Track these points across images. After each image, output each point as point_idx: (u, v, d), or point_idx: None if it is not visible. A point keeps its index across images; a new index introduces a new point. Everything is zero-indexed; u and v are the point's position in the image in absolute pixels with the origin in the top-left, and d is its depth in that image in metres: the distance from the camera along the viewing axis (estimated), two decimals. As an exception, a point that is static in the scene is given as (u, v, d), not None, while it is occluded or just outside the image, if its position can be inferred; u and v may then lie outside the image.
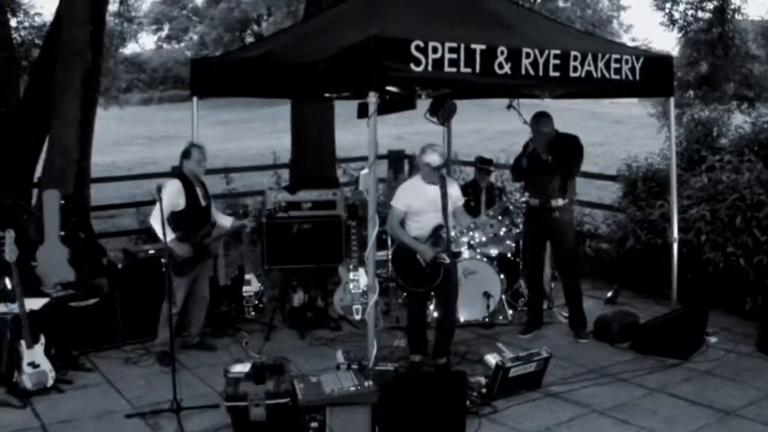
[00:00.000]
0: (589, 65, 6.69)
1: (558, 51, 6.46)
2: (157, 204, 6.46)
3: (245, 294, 8.22)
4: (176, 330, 6.80)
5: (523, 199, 7.34)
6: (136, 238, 11.32)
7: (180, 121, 30.46)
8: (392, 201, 6.62)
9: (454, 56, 5.90)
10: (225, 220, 7.27)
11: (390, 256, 6.74)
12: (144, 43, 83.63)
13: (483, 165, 8.77)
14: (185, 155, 6.92)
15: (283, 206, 7.67)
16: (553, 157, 7.31)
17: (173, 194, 6.70)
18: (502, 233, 8.35)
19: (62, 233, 8.41)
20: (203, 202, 6.99)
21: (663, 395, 6.21)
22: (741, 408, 5.93)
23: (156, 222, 6.56)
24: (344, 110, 9.27)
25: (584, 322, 7.62)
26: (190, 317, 7.22)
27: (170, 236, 6.54)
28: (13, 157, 10.08)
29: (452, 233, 6.39)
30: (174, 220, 6.71)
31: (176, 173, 6.99)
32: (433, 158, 6.38)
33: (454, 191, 6.63)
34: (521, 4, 8.22)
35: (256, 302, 8.28)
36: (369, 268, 6.09)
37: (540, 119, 7.36)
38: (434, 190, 6.35)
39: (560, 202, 7.41)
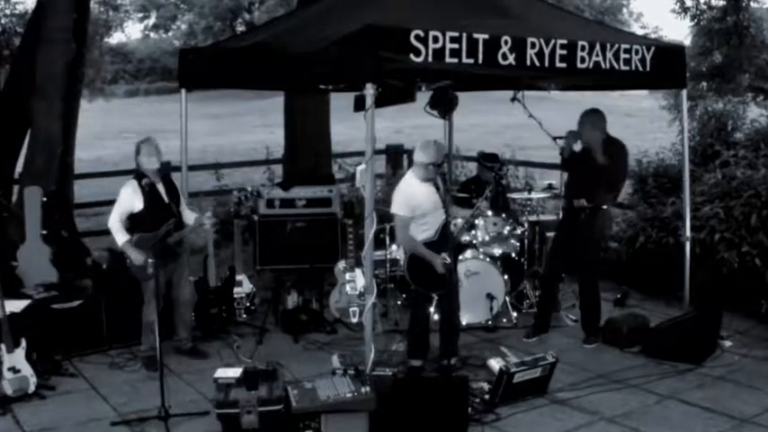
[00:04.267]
0: (597, 55, 6.69)
1: (564, 41, 6.46)
2: (114, 208, 6.61)
3: (236, 296, 8.21)
4: (166, 335, 6.82)
5: (533, 196, 7.37)
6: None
7: (168, 115, 30.35)
8: (394, 209, 6.52)
9: (456, 46, 5.90)
10: (188, 217, 7.14)
11: (406, 263, 6.70)
12: (130, 32, 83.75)
13: (488, 162, 8.77)
14: (136, 152, 6.86)
15: (251, 196, 7.57)
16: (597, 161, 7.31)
17: (127, 195, 6.73)
18: (506, 232, 8.36)
19: (44, 232, 8.39)
20: (166, 199, 6.91)
21: (675, 402, 6.21)
22: (756, 415, 5.94)
23: (112, 226, 6.71)
24: (340, 102, 9.26)
25: (596, 330, 7.58)
26: (176, 321, 7.21)
27: (123, 239, 6.64)
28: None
29: (453, 230, 6.43)
30: (134, 222, 6.72)
31: (134, 173, 6.93)
32: (434, 156, 6.38)
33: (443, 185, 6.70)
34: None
35: (248, 304, 8.28)
36: (366, 268, 6.09)
37: (591, 118, 7.37)
38: (431, 187, 6.38)
39: (583, 203, 7.36)
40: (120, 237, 6.67)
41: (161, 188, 6.90)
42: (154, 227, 6.71)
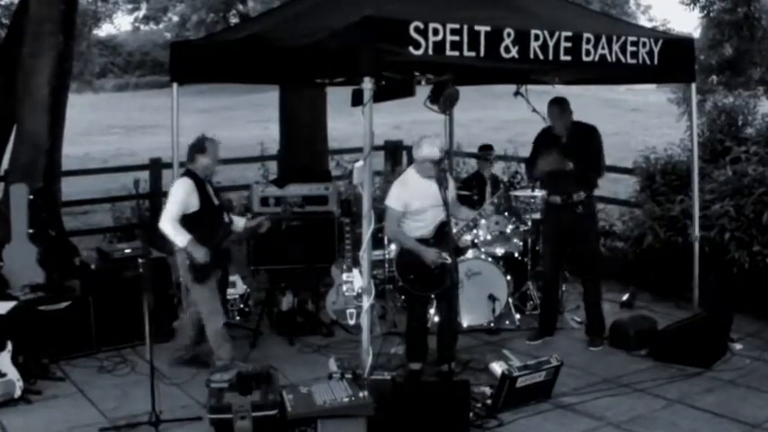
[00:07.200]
0: (603, 48, 6.69)
1: (569, 33, 6.46)
2: (168, 206, 6.44)
3: (229, 297, 8.17)
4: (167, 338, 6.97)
5: (537, 194, 7.32)
6: (110, 237, 11.30)
7: (158, 109, 30.40)
8: (387, 201, 6.61)
9: (457, 38, 5.89)
10: (237, 221, 7.16)
11: (394, 260, 6.74)
12: (119, 24, 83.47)
13: (482, 151, 8.81)
14: (199, 149, 6.73)
15: (294, 203, 7.58)
16: (571, 150, 7.29)
17: (186, 194, 6.57)
18: (508, 231, 8.36)
19: (30, 231, 8.38)
20: (215, 201, 6.86)
21: (683, 407, 6.21)
22: (768, 420, 5.95)
23: (168, 226, 6.50)
24: (338, 97, 9.26)
25: (602, 330, 7.59)
26: (188, 325, 7.16)
27: (185, 238, 6.48)
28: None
29: (454, 230, 6.43)
30: (187, 222, 6.56)
31: (185, 169, 6.85)
32: (433, 151, 6.39)
33: (449, 183, 6.70)
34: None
35: (242, 306, 8.28)
36: (364, 269, 6.09)
37: (563, 104, 7.35)
38: (432, 184, 6.38)
39: (582, 196, 7.37)
40: (182, 236, 6.46)
41: (210, 190, 6.82)
42: (204, 230, 6.61)
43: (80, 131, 25.40)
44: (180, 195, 6.55)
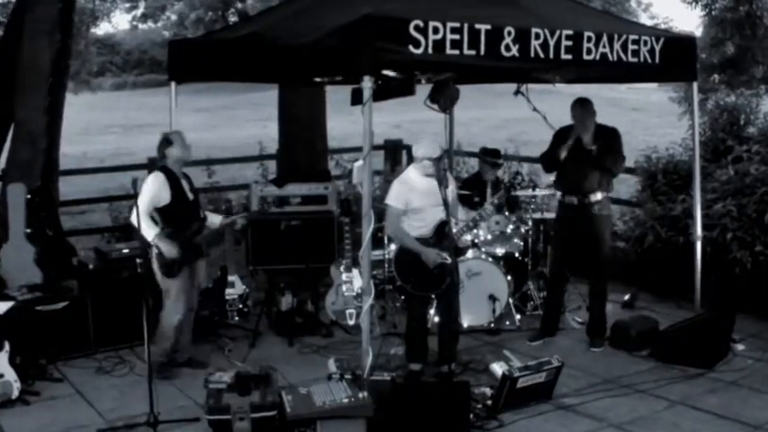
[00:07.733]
0: (604, 46, 6.69)
1: (570, 32, 6.46)
2: (139, 200, 6.43)
3: (228, 297, 8.20)
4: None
5: (548, 193, 7.27)
6: (108, 237, 11.30)
7: (156, 108, 30.34)
8: (388, 199, 6.62)
9: (457, 37, 5.89)
10: (213, 218, 7.16)
11: (394, 260, 6.75)
12: (117, 23, 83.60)
13: (490, 157, 8.74)
14: (166, 144, 6.78)
15: (271, 202, 7.62)
16: (597, 148, 7.27)
17: (156, 188, 6.61)
18: (508, 231, 8.36)
19: (28, 231, 8.38)
20: (190, 196, 6.89)
21: (685, 408, 6.21)
22: (770, 421, 5.94)
23: (137, 219, 6.50)
24: (337, 96, 9.26)
25: (604, 330, 7.59)
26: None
27: (153, 232, 6.52)
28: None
29: (454, 230, 6.43)
30: (159, 216, 6.63)
31: (158, 165, 6.90)
32: (433, 150, 6.40)
33: (450, 183, 6.72)
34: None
35: (240, 306, 8.27)
36: (363, 269, 6.09)
37: (586, 105, 7.33)
38: (432, 183, 6.38)
39: (599, 196, 7.35)
40: (150, 230, 6.51)
41: (185, 183, 6.86)
42: (178, 223, 6.68)
43: (78, 131, 25.41)
44: (150, 189, 6.60)
